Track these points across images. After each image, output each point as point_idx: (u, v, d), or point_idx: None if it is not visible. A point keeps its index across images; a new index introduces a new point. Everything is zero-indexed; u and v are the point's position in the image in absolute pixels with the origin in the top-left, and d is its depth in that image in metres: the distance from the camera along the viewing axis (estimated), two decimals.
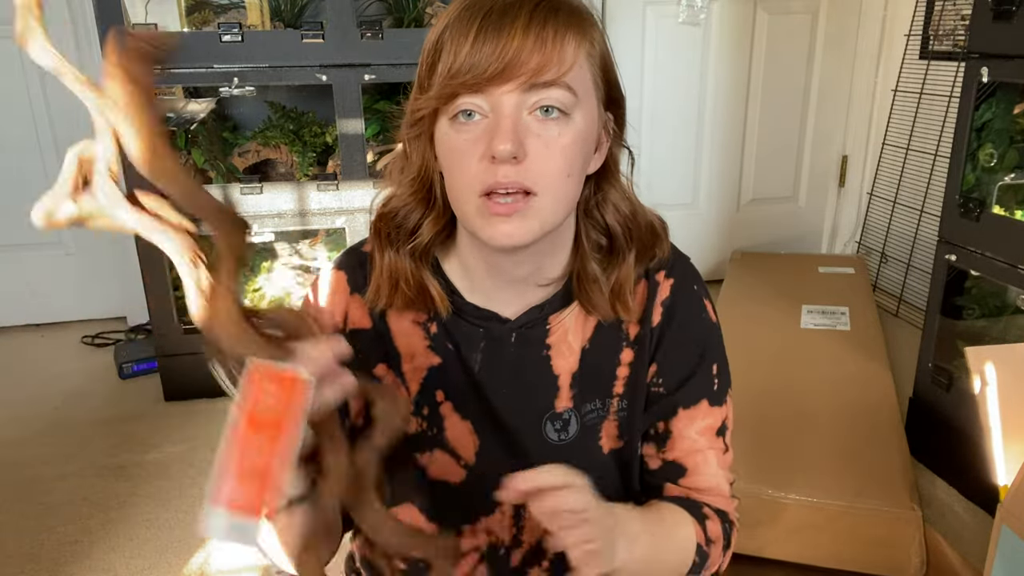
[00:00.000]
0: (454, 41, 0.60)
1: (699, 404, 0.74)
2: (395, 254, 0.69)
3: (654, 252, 0.73)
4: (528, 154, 0.60)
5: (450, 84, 0.60)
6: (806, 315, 2.25)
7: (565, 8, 0.62)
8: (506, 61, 0.58)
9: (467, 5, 0.61)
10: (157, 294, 2.05)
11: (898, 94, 2.63)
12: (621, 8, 2.64)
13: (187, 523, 1.63)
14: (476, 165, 0.61)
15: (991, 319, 1.78)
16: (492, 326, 0.72)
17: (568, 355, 0.73)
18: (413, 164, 0.68)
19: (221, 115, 2.40)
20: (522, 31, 0.59)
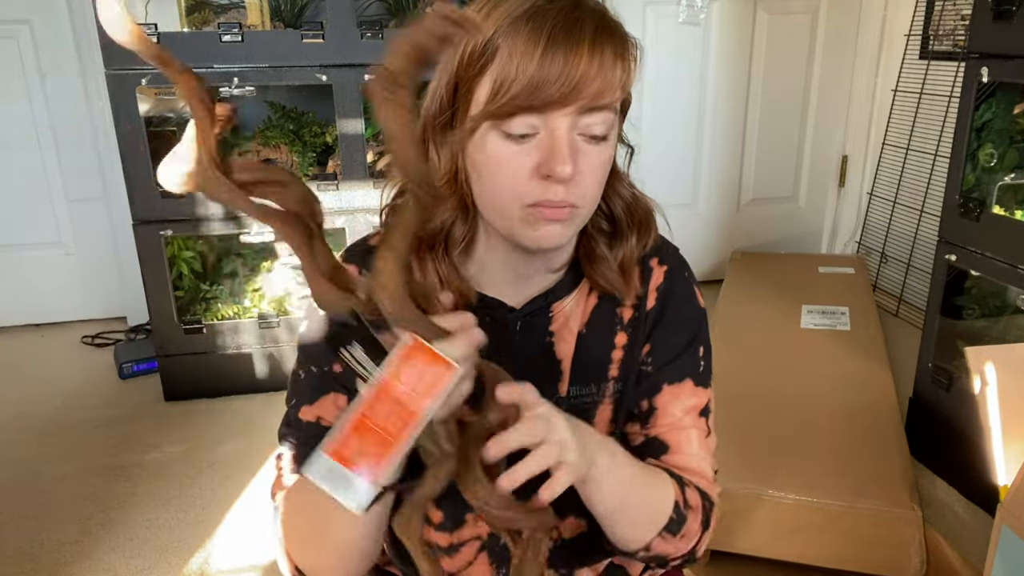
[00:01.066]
0: (515, 54, 0.60)
1: (684, 382, 0.76)
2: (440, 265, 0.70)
3: (649, 235, 0.75)
4: (577, 170, 0.62)
5: (513, 104, 0.60)
6: (806, 315, 2.25)
7: (618, 30, 0.63)
8: (573, 85, 0.59)
9: (526, 14, 0.60)
10: (157, 294, 2.05)
11: (898, 94, 2.63)
12: (621, 8, 2.60)
13: (187, 523, 1.63)
14: (527, 178, 0.62)
15: (991, 319, 1.78)
16: (499, 314, 0.73)
17: (569, 339, 0.75)
18: (442, 166, 0.67)
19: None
20: (588, 54, 0.59)
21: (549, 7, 0.60)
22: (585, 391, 0.75)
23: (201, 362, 2.13)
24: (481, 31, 0.61)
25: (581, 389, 0.75)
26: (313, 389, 0.74)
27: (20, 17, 2.40)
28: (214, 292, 2.27)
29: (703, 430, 0.77)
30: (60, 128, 2.52)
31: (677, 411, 0.75)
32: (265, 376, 2.17)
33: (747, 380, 1.87)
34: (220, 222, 2.05)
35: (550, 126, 0.61)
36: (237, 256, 2.38)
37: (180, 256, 2.21)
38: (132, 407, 2.12)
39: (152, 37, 1.85)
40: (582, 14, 0.61)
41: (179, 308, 2.11)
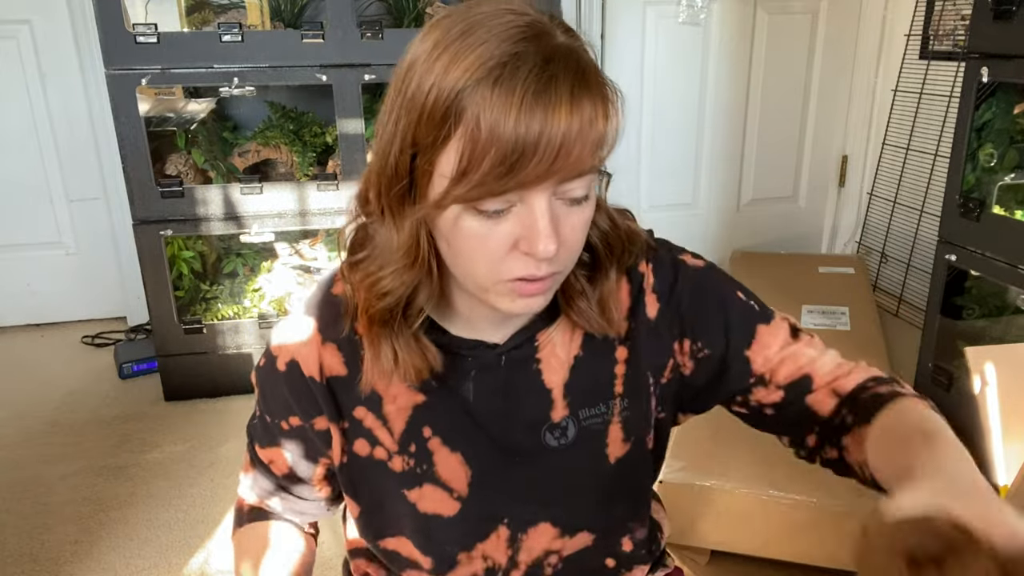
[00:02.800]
0: (483, 123, 0.52)
1: (757, 333, 0.72)
2: (398, 341, 0.64)
3: (631, 257, 0.70)
4: (561, 242, 0.57)
5: (484, 187, 0.53)
6: (806, 315, 2.25)
7: (596, 80, 0.55)
8: (552, 159, 0.53)
9: (493, 72, 0.52)
10: (157, 294, 2.05)
11: (898, 94, 2.63)
12: (621, 8, 2.64)
13: (187, 523, 1.63)
14: (504, 255, 0.57)
15: (991, 319, 1.78)
16: (481, 354, 0.69)
17: (558, 368, 0.71)
18: (400, 237, 0.60)
19: (221, 115, 2.40)
20: (566, 118, 0.52)
21: (519, 63, 0.52)
22: (595, 412, 0.71)
23: (201, 362, 2.13)
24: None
25: (590, 411, 0.71)
26: (265, 434, 0.75)
27: (20, 17, 2.40)
28: (214, 292, 2.27)
29: (808, 340, 0.73)
30: (60, 128, 2.52)
31: (775, 353, 0.71)
32: None
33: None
34: (220, 222, 2.05)
35: (528, 200, 0.55)
36: (237, 256, 2.38)
37: (180, 256, 2.21)
38: (132, 407, 2.12)
39: (152, 37, 1.86)
40: (556, 70, 0.53)
41: (179, 308, 2.11)
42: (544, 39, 0.54)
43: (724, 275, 0.74)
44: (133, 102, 1.91)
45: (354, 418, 0.70)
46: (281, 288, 2.28)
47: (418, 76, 0.55)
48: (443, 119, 0.54)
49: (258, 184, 2.03)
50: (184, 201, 2.00)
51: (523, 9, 0.56)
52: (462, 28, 0.55)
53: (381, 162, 0.59)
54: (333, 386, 0.69)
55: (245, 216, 2.05)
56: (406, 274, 0.61)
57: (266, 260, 2.38)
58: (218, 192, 2.02)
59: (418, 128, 0.55)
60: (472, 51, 0.53)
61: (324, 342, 0.69)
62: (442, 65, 0.54)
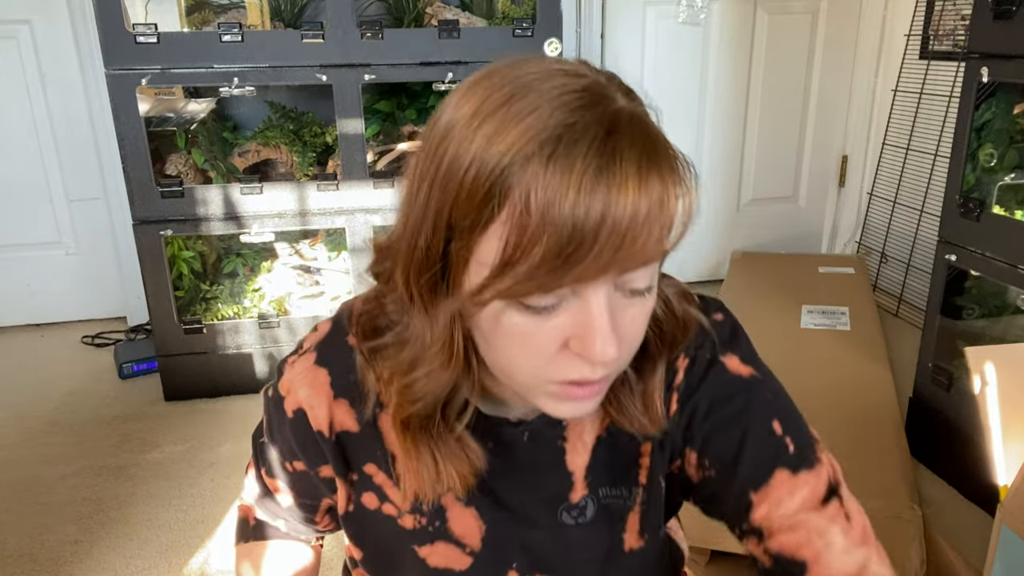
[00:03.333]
0: (534, 208, 0.44)
1: (772, 479, 0.59)
2: (438, 447, 0.58)
3: (684, 345, 0.62)
4: (620, 339, 0.49)
5: (533, 282, 0.45)
6: (806, 315, 2.25)
7: (665, 151, 0.47)
8: (615, 250, 0.45)
9: (546, 145, 0.44)
10: (157, 294, 2.05)
11: (898, 94, 2.63)
12: (621, 8, 2.64)
13: (187, 523, 1.63)
14: (555, 354, 0.49)
15: (991, 319, 1.78)
16: (502, 431, 0.63)
17: (583, 451, 0.64)
18: (433, 332, 0.52)
19: (221, 115, 2.40)
20: (632, 201, 0.44)
21: (576, 135, 0.44)
22: (615, 492, 0.65)
23: (201, 362, 2.13)
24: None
25: (611, 490, 0.65)
26: (270, 465, 0.72)
27: (20, 17, 2.40)
28: (214, 292, 2.27)
29: (837, 512, 0.59)
30: (60, 128, 2.52)
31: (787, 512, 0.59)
32: (265, 376, 2.17)
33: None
34: (220, 222, 2.05)
35: (583, 294, 0.47)
36: (237, 256, 2.38)
37: (180, 256, 2.21)
38: (132, 407, 2.12)
39: (152, 37, 1.86)
40: (620, 142, 0.44)
41: (179, 308, 2.11)
42: (604, 104, 0.46)
43: (773, 393, 0.63)
44: (133, 102, 1.91)
45: (364, 473, 0.66)
46: (281, 288, 2.28)
47: (455, 146, 0.47)
48: (485, 200, 0.45)
49: (258, 184, 2.03)
50: (184, 201, 2.00)
51: (577, 69, 0.49)
52: (509, 92, 0.47)
53: (410, 243, 0.51)
54: (343, 441, 0.64)
55: (245, 216, 2.05)
56: (443, 374, 0.54)
57: (266, 260, 2.38)
58: (218, 192, 2.02)
59: (455, 208, 0.47)
60: (521, 120, 0.45)
61: (336, 397, 0.63)
62: (485, 136, 0.46)
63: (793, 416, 0.62)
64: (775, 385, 0.64)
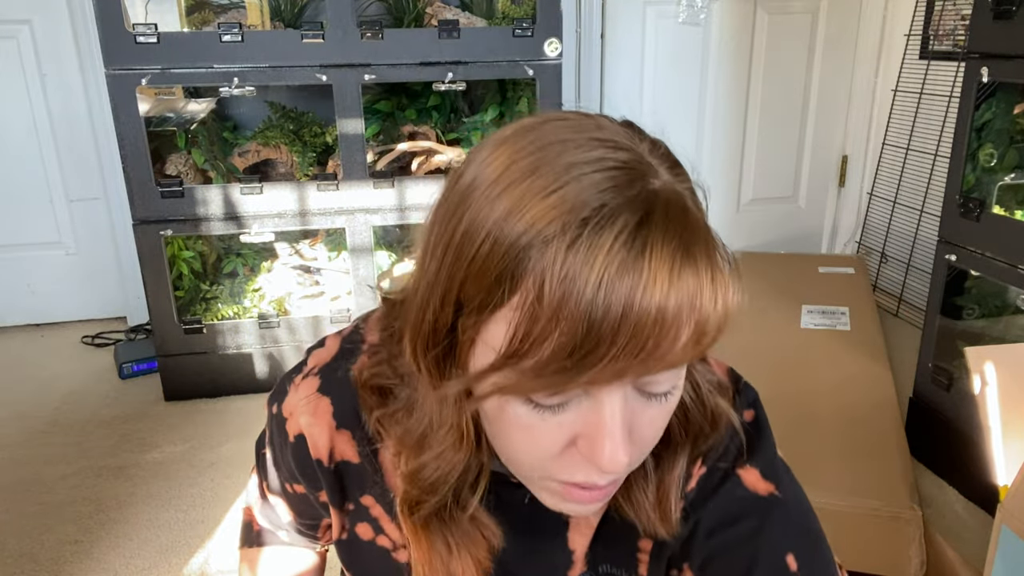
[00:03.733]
0: (549, 297, 0.39)
1: None
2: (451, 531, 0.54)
3: (708, 441, 0.56)
4: (633, 443, 0.45)
5: (541, 380, 0.40)
6: (806, 315, 2.25)
7: (702, 238, 0.42)
8: (636, 353, 0.39)
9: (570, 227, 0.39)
10: (157, 294, 2.05)
11: (898, 94, 2.63)
12: (621, 8, 2.64)
13: (187, 523, 1.63)
14: (560, 452, 0.45)
15: (991, 319, 1.78)
16: (501, 491, 0.57)
17: (586, 529, 0.60)
18: (445, 414, 0.49)
19: (221, 115, 2.40)
20: (661, 297, 0.39)
21: (605, 221, 0.39)
22: (616, 571, 0.61)
23: (201, 362, 2.13)
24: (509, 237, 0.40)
25: (611, 567, 0.61)
26: (271, 480, 0.71)
27: (20, 17, 2.40)
28: (214, 292, 2.27)
29: None
30: (60, 128, 2.52)
31: None
32: (265, 376, 2.17)
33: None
34: (220, 222, 2.05)
35: (596, 395, 0.43)
36: (237, 256, 2.38)
37: (180, 256, 2.21)
38: (132, 407, 2.12)
39: (152, 37, 1.86)
40: (654, 232, 0.39)
41: (179, 308, 2.11)
42: (641, 184, 0.41)
43: (792, 517, 0.56)
44: (133, 102, 1.91)
45: (361, 504, 0.63)
46: (281, 288, 2.28)
47: (472, 214, 0.42)
48: (497, 280, 0.41)
49: (258, 184, 2.03)
50: (184, 201, 2.00)
51: (617, 138, 0.44)
52: (538, 159, 0.42)
53: (419, 310, 0.46)
54: (342, 471, 0.61)
55: (245, 216, 2.05)
56: (454, 456, 0.50)
57: (266, 260, 2.38)
58: (218, 192, 2.02)
59: (465, 283, 0.42)
60: (546, 196, 0.40)
61: (339, 428, 0.60)
62: (504, 208, 0.41)
63: (813, 547, 0.55)
64: (798, 506, 0.56)
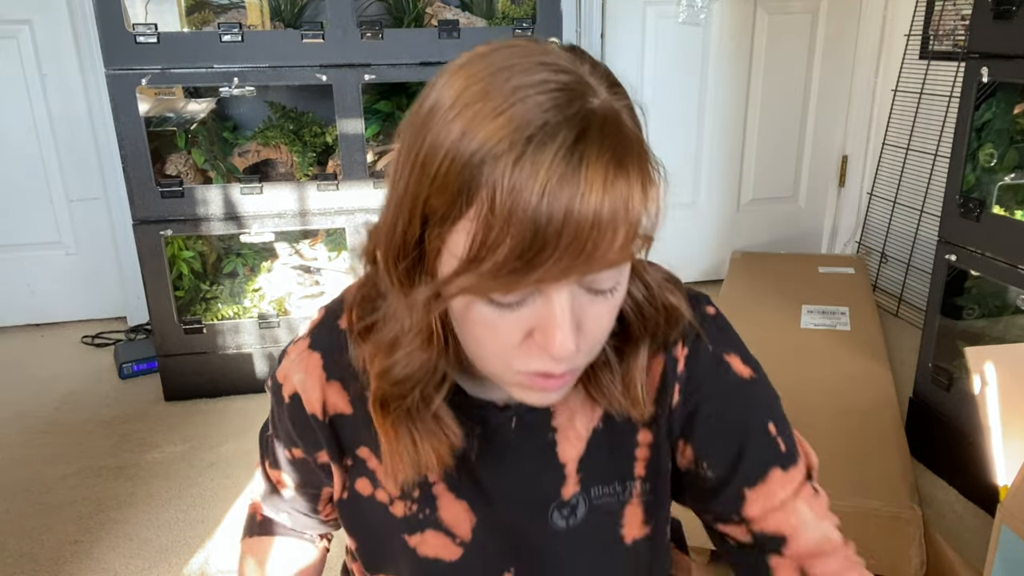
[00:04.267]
0: (500, 209, 0.44)
1: (768, 477, 0.63)
2: (416, 427, 0.58)
3: (670, 334, 0.63)
4: (580, 330, 0.50)
5: (497, 280, 0.46)
6: (806, 315, 2.25)
7: (635, 151, 0.47)
8: (578, 254, 0.45)
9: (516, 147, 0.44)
10: (157, 294, 2.05)
11: (898, 94, 2.63)
12: (621, 8, 2.64)
13: (187, 523, 1.63)
14: (519, 345, 0.51)
15: (991, 319, 1.78)
16: (489, 415, 0.63)
17: (576, 441, 0.64)
18: (415, 318, 0.53)
19: (221, 115, 2.40)
20: (596, 204, 0.44)
21: (547, 137, 0.44)
22: (608, 491, 0.65)
23: (201, 362, 2.13)
24: None
25: (603, 488, 0.65)
26: (273, 456, 0.74)
27: (20, 17, 2.40)
28: (214, 292, 2.27)
29: (810, 495, 0.65)
30: (60, 128, 2.52)
31: (776, 504, 0.63)
32: (265, 376, 2.17)
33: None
34: (220, 222, 2.05)
35: (546, 292, 0.48)
36: (237, 256, 2.38)
37: (180, 256, 2.21)
38: (132, 407, 2.12)
39: (152, 37, 1.86)
40: (589, 146, 0.44)
41: (179, 308, 2.11)
42: (580, 103, 0.46)
43: (766, 395, 0.66)
44: (133, 102, 1.91)
45: (358, 457, 0.66)
46: (281, 288, 2.28)
47: (433, 135, 0.47)
48: (456, 193, 0.46)
49: (258, 184, 2.03)
50: (184, 201, 2.00)
51: (560, 62, 0.48)
52: (488, 84, 0.46)
53: (390, 227, 0.51)
54: (336, 424, 0.65)
55: (245, 216, 2.05)
56: (421, 355, 0.55)
57: (266, 260, 2.38)
58: (218, 192, 2.02)
59: (430, 198, 0.47)
60: (495, 117, 0.45)
61: (328, 379, 0.64)
62: (460, 127, 0.46)
63: (782, 415, 0.66)
64: (768, 385, 0.67)
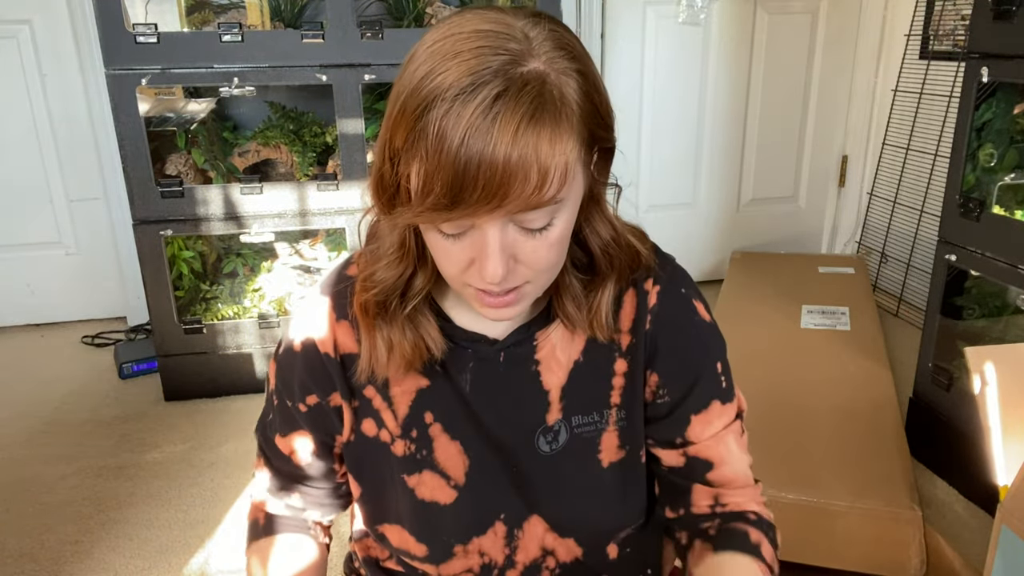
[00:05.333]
0: (433, 151, 0.52)
1: (710, 407, 0.73)
2: (392, 329, 0.67)
3: (633, 273, 0.71)
4: (517, 260, 0.58)
5: (434, 211, 0.54)
6: (806, 315, 2.25)
7: (551, 107, 0.53)
8: (493, 194, 0.52)
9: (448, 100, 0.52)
10: (157, 294, 2.05)
11: (898, 94, 2.63)
12: (621, 8, 2.64)
13: (187, 523, 1.63)
14: (465, 268, 0.59)
15: (991, 319, 1.78)
16: (480, 348, 0.70)
17: (557, 369, 0.72)
18: (393, 237, 0.65)
19: (221, 115, 2.40)
20: (505, 152, 0.51)
21: (476, 91, 0.51)
22: (587, 420, 0.73)
23: (201, 362, 2.13)
24: None
25: (583, 418, 0.73)
26: (284, 421, 0.75)
27: (20, 17, 2.40)
28: (214, 292, 2.27)
29: (738, 432, 0.75)
30: (60, 128, 2.52)
31: (712, 431, 0.73)
32: (265, 376, 2.17)
33: (747, 380, 1.86)
34: (220, 222, 2.05)
35: (482, 228, 0.56)
36: (237, 256, 2.38)
37: (180, 256, 2.21)
38: (132, 407, 2.12)
39: (152, 37, 1.86)
40: (508, 102, 0.51)
41: (179, 308, 2.11)
42: (512, 67, 0.52)
43: (720, 340, 0.75)
44: (133, 102, 1.91)
45: (364, 397, 0.72)
46: (281, 288, 2.28)
47: (401, 83, 0.55)
48: (407, 137, 0.54)
49: (258, 184, 2.03)
50: (184, 201, 2.00)
51: (508, 28, 0.54)
52: (445, 41, 0.54)
53: (375, 164, 0.59)
54: (346, 363, 0.71)
55: (245, 216, 2.05)
56: (397, 267, 0.65)
57: (266, 260, 2.38)
58: (218, 192, 2.02)
59: (392, 136, 0.55)
60: (438, 74, 0.52)
61: (338, 319, 0.71)
62: (419, 75, 0.53)
63: (726, 360, 0.76)
64: (721, 334, 0.76)
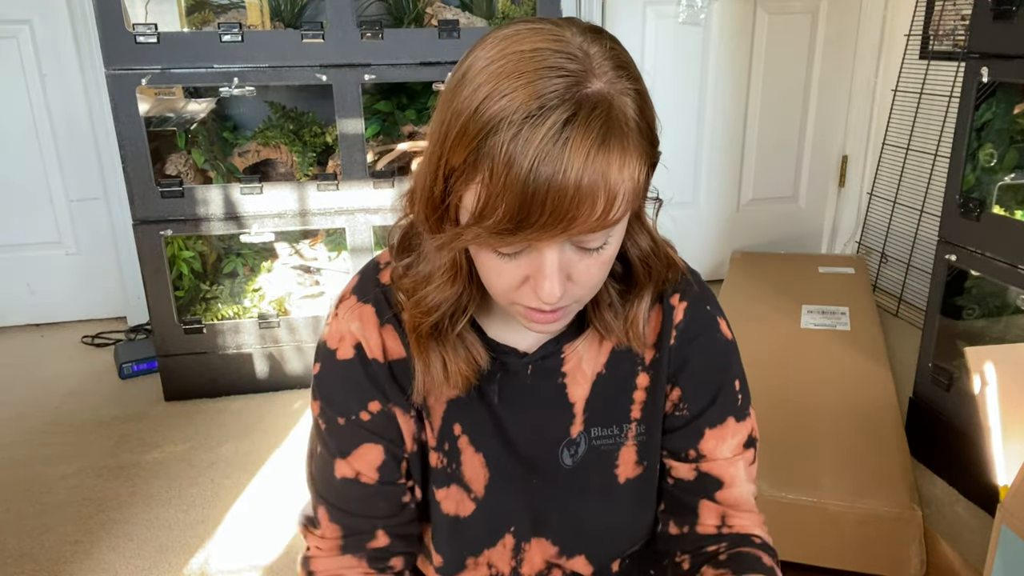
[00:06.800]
0: (497, 177, 0.51)
1: (726, 423, 0.74)
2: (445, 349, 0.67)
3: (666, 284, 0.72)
4: (571, 279, 0.58)
5: (494, 234, 0.53)
6: (806, 315, 2.25)
7: (618, 130, 0.52)
8: (559, 221, 0.52)
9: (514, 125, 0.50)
10: (157, 294, 2.05)
11: (898, 94, 2.63)
12: (621, 8, 2.64)
13: (187, 523, 1.63)
14: (518, 286, 0.59)
15: (991, 319, 1.78)
16: (509, 360, 0.71)
17: (583, 382, 0.72)
18: (443, 258, 0.63)
19: (221, 115, 2.40)
20: (575, 185, 0.51)
21: (543, 117, 0.50)
22: (607, 432, 0.73)
23: (201, 362, 2.13)
24: None
25: (603, 431, 0.73)
26: (343, 440, 0.70)
27: (20, 17, 2.40)
28: (214, 292, 2.27)
29: (749, 459, 0.76)
30: (60, 128, 2.52)
31: (725, 451, 0.74)
32: (265, 376, 2.17)
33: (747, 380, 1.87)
34: (220, 222, 2.05)
35: (539, 248, 0.56)
36: (237, 256, 2.38)
37: (180, 256, 2.21)
38: (132, 407, 2.12)
39: (152, 37, 1.86)
40: (577, 128, 0.50)
41: (179, 308, 2.11)
42: (578, 88, 0.51)
43: (739, 358, 0.77)
44: (133, 102, 1.91)
45: (410, 402, 0.71)
46: (281, 288, 2.28)
47: (456, 104, 0.54)
48: (467, 159, 0.53)
49: (258, 184, 2.03)
50: (184, 201, 2.00)
51: (571, 49, 0.53)
52: (506, 61, 0.52)
53: (424, 180, 0.58)
54: (395, 368, 0.70)
55: (245, 216, 2.05)
56: (448, 289, 0.64)
57: (266, 260, 2.38)
58: (218, 192, 2.02)
59: (449, 157, 0.54)
60: (502, 97, 0.51)
61: (383, 324, 0.69)
62: (476, 101, 0.52)
63: (744, 376, 0.77)
64: (738, 351, 0.78)
